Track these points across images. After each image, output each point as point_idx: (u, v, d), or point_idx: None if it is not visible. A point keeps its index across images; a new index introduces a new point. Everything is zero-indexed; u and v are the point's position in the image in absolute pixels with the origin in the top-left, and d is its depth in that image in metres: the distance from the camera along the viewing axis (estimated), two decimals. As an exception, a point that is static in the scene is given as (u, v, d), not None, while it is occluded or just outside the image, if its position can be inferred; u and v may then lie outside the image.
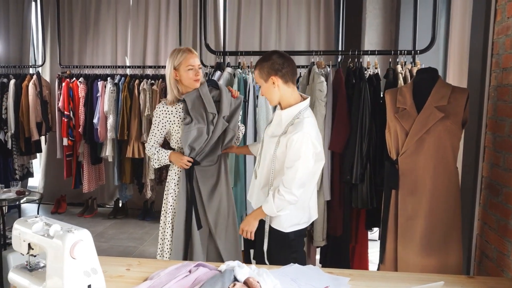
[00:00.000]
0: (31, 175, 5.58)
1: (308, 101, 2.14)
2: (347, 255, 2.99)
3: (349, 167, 2.78)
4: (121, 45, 5.49)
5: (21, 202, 3.61)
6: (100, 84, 4.71)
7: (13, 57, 5.60)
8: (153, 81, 4.67)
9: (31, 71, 5.38)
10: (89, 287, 1.55)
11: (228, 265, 1.82)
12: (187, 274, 1.78)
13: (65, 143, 4.84)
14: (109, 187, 5.63)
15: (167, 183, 2.58)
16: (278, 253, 2.17)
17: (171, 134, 2.53)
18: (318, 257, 3.41)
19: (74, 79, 4.83)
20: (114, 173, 4.96)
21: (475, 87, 2.43)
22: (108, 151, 4.72)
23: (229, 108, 2.55)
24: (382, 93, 2.88)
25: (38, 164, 5.90)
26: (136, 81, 4.66)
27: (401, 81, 2.75)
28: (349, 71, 2.94)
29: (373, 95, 2.79)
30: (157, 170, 4.83)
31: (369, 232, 3.44)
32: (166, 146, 2.72)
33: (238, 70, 3.08)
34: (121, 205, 5.40)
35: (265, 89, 2.14)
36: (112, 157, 4.77)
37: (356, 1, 4.74)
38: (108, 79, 4.70)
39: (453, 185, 2.14)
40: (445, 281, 1.79)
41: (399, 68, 2.85)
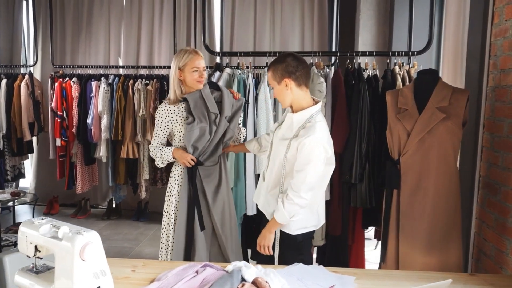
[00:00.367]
0: (23, 176, 5.51)
1: (320, 104, 2.13)
2: (346, 255, 3.02)
3: (349, 167, 2.80)
4: (114, 45, 5.45)
5: (16, 203, 3.57)
6: (93, 84, 4.67)
7: (3, 57, 5.52)
8: (147, 81, 4.65)
9: (23, 70, 5.31)
10: (98, 289, 1.54)
11: (235, 265, 1.83)
12: (194, 274, 1.78)
13: (58, 143, 4.79)
14: (102, 188, 5.59)
15: (169, 184, 2.58)
16: (285, 255, 2.17)
17: (174, 133, 2.53)
18: (314, 256, 3.43)
19: (67, 79, 4.78)
20: (108, 173, 4.92)
21: (472, 88, 2.47)
22: (102, 152, 4.69)
23: (231, 109, 2.57)
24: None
25: (29, 165, 5.83)
26: (130, 81, 4.63)
27: (400, 82, 2.78)
28: (347, 72, 2.97)
29: (371, 96, 2.82)
30: (152, 170, 4.82)
31: (365, 231, 3.48)
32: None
33: (237, 70, 3.08)
34: (114, 206, 5.36)
35: (277, 91, 2.13)
36: (106, 157, 4.74)
37: (349, 2, 4.78)
38: (102, 79, 4.66)
39: (454, 184, 2.18)
40: (442, 279, 1.83)
41: (397, 69, 2.88)
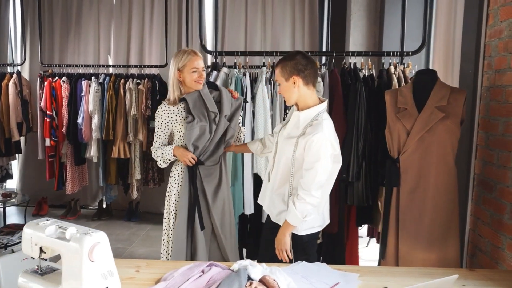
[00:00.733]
0: (10, 176, 5.42)
1: (326, 103, 2.15)
2: (342, 252, 3.05)
3: (346, 166, 2.83)
4: (104, 44, 5.39)
5: (7, 205, 3.51)
6: (84, 83, 4.61)
7: (-11, 56, 5.43)
8: (139, 81, 4.62)
9: (9, 69, 5.21)
10: (106, 289, 1.53)
11: (240, 264, 1.84)
12: (201, 274, 1.78)
13: (47, 143, 4.72)
14: (92, 188, 5.53)
15: (169, 184, 2.58)
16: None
17: (174, 133, 2.53)
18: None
19: (56, 78, 4.72)
20: (99, 174, 4.87)
21: (467, 88, 2.52)
22: (93, 152, 4.63)
23: (230, 108, 2.58)
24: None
25: (15, 165, 5.73)
26: (121, 81, 4.59)
27: (396, 82, 2.83)
28: (343, 71, 3.01)
29: (367, 95, 2.85)
30: (143, 170, 4.78)
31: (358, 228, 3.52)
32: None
33: (234, 70, 3.09)
34: (105, 206, 5.31)
35: (284, 88, 2.13)
36: (97, 157, 4.69)
37: (340, 3, 4.82)
38: (92, 78, 4.61)
39: (452, 182, 2.23)
40: (447, 275, 1.86)
41: (392, 69, 2.93)
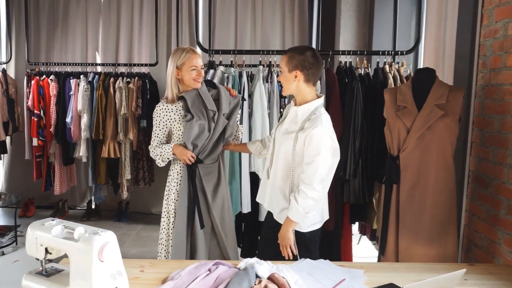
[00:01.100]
0: (-5, 177, 5.30)
1: (322, 99, 2.18)
2: (338, 250, 3.07)
3: (343, 163, 2.86)
4: (92, 41, 5.31)
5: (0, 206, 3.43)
6: (73, 82, 4.53)
7: (-28, 54, 5.29)
8: (129, 79, 4.57)
9: (-6, 68, 5.09)
10: (115, 290, 1.52)
11: (246, 262, 1.84)
12: (208, 273, 1.78)
13: (35, 143, 4.62)
14: (80, 189, 5.44)
15: (168, 183, 2.56)
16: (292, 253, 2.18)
17: (172, 132, 2.51)
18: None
19: (44, 76, 4.63)
20: (88, 173, 4.80)
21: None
22: (82, 151, 4.56)
23: (228, 106, 2.57)
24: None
25: (0, 166, 5.60)
26: (111, 79, 4.53)
27: (391, 81, 2.87)
28: (339, 70, 3.03)
29: (364, 94, 2.89)
30: (134, 170, 4.73)
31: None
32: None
33: (231, 69, 3.08)
34: (94, 206, 5.23)
35: (285, 77, 2.15)
36: (86, 157, 4.62)
37: (330, 2, 4.86)
38: (81, 77, 4.53)
39: (451, 178, 2.28)
40: (448, 269, 1.91)
41: (387, 67, 2.97)
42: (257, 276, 1.74)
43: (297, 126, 2.12)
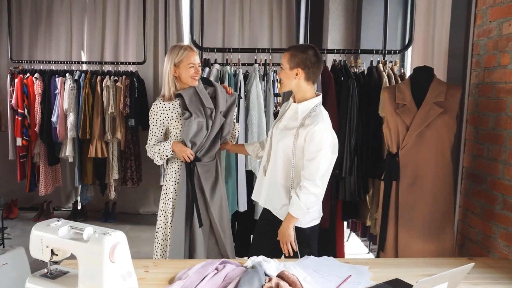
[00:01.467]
0: (-24, 178, 5.13)
1: (321, 97, 2.21)
2: (334, 247, 3.10)
3: (339, 161, 2.88)
4: (77, 39, 5.20)
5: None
6: (58, 80, 4.43)
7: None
8: (116, 78, 4.50)
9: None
10: (126, 291, 1.49)
11: (253, 260, 1.83)
12: (215, 272, 1.77)
13: (18, 143, 4.50)
14: (66, 189, 5.33)
15: (166, 182, 2.53)
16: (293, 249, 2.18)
17: (170, 130, 2.49)
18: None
19: (28, 75, 4.51)
20: (74, 174, 4.71)
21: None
22: (68, 151, 4.46)
23: (225, 104, 2.57)
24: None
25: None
26: (98, 78, 4.45)
27: (386, 80, 2.91)
28: (334, 68, 3.06)
29: (359, 92, 2.92)
30: (121, 170, 4.66)
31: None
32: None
33: (227, 67, 3.07)
34: (80, 207, 5.13)
35: (285, 74, 2.16)
36: (72, 157, 4.52)
37: (318, 2, 4.89)
38: (67, 75, 4.44)
39: (448, 175, 2.33)
40: (449, 264, 1.95)
41: (381, 66, 3.01)
42: (265, 274, 1.74)
43: (297, 122, 2.14)
